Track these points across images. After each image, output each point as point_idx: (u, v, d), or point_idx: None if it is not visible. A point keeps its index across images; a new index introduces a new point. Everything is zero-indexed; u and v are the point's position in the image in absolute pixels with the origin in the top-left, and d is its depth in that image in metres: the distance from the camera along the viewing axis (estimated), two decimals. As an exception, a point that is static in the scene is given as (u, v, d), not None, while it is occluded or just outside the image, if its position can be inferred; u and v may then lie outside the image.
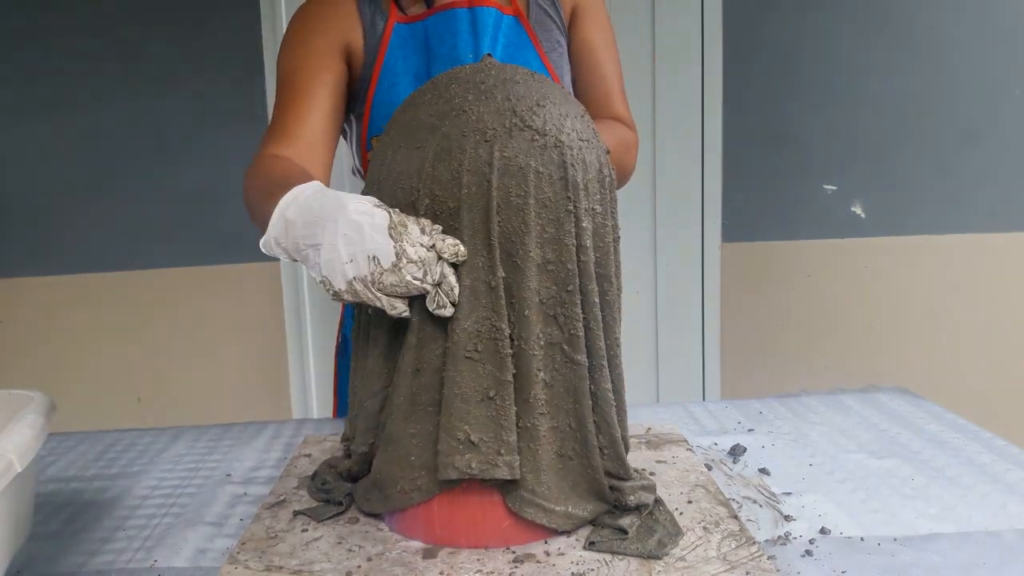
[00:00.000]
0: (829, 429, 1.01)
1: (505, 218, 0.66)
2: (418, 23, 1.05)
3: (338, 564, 0.69)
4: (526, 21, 1.08)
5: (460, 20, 1.04)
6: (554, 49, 1.10)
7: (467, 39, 1.04)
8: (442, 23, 1.04)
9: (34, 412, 0.67)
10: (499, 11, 1.06)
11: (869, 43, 2.18)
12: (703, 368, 2.33)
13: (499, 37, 1.06)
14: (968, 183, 2.24)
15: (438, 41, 1.04)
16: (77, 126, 2.18)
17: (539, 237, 0.67)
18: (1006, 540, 0.72)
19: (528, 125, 0.67)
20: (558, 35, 1.11)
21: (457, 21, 1.04)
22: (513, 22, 1.07)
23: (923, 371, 2.27)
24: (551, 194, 0.67)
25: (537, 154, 0.67)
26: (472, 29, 1.04)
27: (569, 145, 0.68)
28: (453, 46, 1.03)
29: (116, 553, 0.76)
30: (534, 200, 0.66)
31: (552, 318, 0.68)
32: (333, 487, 0.80)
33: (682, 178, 2.24)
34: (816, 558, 0.70)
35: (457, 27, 1.04)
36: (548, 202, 0.67)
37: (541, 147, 0.67)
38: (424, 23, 1.05)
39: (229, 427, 1.12)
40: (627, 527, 0.69)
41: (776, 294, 2.29)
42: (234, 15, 2.15)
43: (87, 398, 2.22)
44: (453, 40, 1.04)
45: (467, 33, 1.04)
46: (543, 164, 0.67)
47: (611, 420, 0.71)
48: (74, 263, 2.23)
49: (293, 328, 2.28)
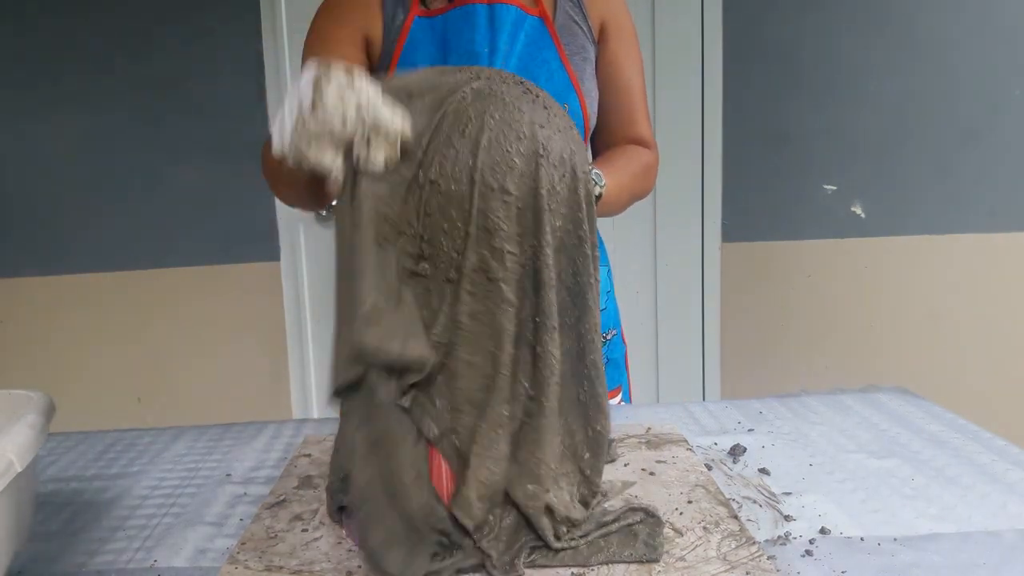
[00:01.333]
0: (829, 429, 1.01)
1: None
2: (438, 17, 1.06)
3: (338, 564, 0.69)
4: (551, 24, 1.09)
5: (479, 16, 1.05)
6: (577, 53, 1.10)
7: (484, 34, 1.04)
8: (461, 18, 1.05)
9: (34, 412, 0.67)
10: (522, 10, 1.06)
11: (869, 43, 2.18)
12: (703, 368, 2.33)
13: (519, 35, 1.07)
14: (968, 183, 2.24)
15: (456, 35, 1.05)
16: (77, 126, 2.18)
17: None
18: (1006, 540, 0.72)
19: (522, 83, 0.69)
20: (583, 41, 1.11)
21: (476, 16, 1.05)
22: (537, 23, 1.08)
23: (923, 371, 2.27)
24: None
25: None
26: (490, 25, 1.05)
27: (561, 117, 0.69)
28: (471, 40, 1.04)
29: (116, 553, 0.76)
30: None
31: (491, 248, 0.67)
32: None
33: (682, 178, 2.24)
34: (816, 558, 0.70)
35: (476, 22, 1.04)
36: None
37: (532, 100, 0.68)
38: (444, 17, 1.06)
39: (229, 427, 1.12)
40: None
41: (776, 294, 2.29)
42: (234, 15, 2.15)
43: (87, 398, 2.22)
44: (471, 35, 1.04)
45: (484, 28, 1.05)
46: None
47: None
48: (74, 263, 2.23)
49: (293, 328, 2.28)
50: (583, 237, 0.69)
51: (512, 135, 0.65)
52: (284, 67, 2.17)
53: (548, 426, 0.68)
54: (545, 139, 0.66)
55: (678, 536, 0.72)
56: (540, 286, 0.66)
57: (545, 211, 0.65)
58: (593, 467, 0.71)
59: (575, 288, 0.69)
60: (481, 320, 0.66)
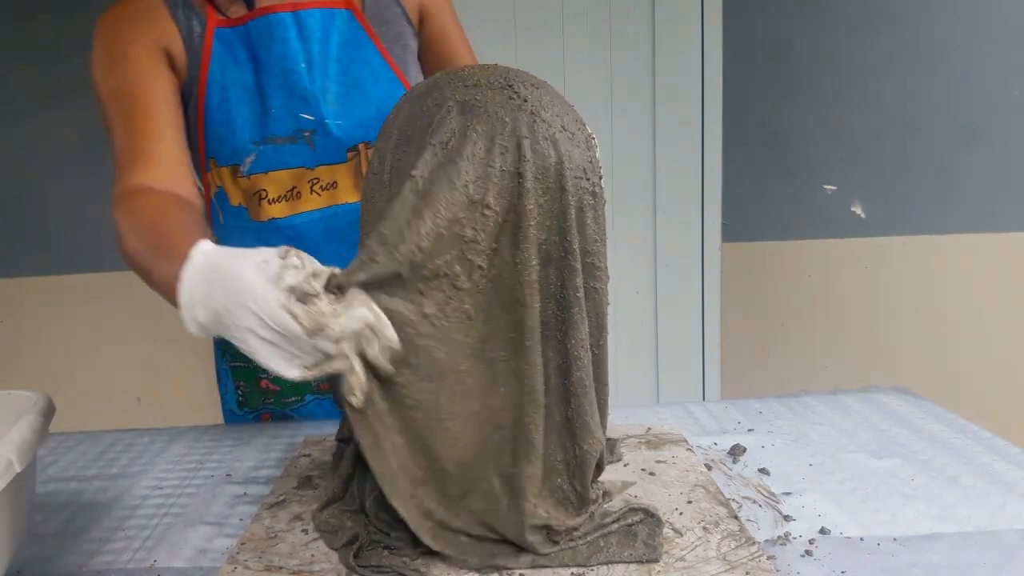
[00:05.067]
0: (829, 429, 1.01)
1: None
2: (240, 27, 0.96)
3: (338, 564, 0.69)
4: (360, 14, 1.01)
5: (285, 27, 0.96)
6: (396, 42, 1.04)
7: (296, 47, 0.97)
8: (265, 30, 0.96)
9: (34, 412, 0.67)
10: (326, 8, 0.98)
11: (869, 43, 2.18)
12: (703, 368, 2.33)
13: (333, 36, 0.99)
14: (968, 183, 2.24)
15: (264, 50, 0.96)
16: (77, 126, 2.18)
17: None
18: (1006, 540, 0.72)
19: (511, 86, 0.68)
20: (401, 27, 1.04)
21: (283, 28, 0.96)
22: (346, 16, 1.00)
23: (923, 371, 2.27)
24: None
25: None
26: (300, 35, 0.97)
27: (549, 123, 0.67)
28: (282, 56, 0.96)
29: (116, 553, 0.76)
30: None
31: (461, 253, 0.67)
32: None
33: (682, 178, 2.24)
34: (816, 558, 0.70)
35: (284, 34, 0.96)
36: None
37: (517, 107, 0.67)
38: (246, 27, 0.96)
39: (229, 427, 1.12)
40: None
41: (776, 294, 2.29)
42: (234, 15, 2.15)
43: (87, 398, 2.22)
44: (282, 49, 0.96)
45: (295, 40, 0.96)
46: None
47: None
48: (74, 263, 2.23)
49: (293, 328, 2.28)
50: (568, 248, 0.67)
51: (496, 150, 0.65)
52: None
53: (533, 446, 0.67)
54: (529, 150, 0.65)
55: (678, 536, 0.72)
56: (519, 303, 0.66)
57: (530, 227, 0.65)
58: (582, 484, 0.70)
59: (562, 301, 0.68)
60: (442, 328, 0.66)
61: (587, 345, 0.69)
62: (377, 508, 0.71)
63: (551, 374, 0.68)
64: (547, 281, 0.67)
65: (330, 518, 0.74)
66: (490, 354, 0.67)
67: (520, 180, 0.65)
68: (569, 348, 0.68)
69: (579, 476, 0.69)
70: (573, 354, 0.68)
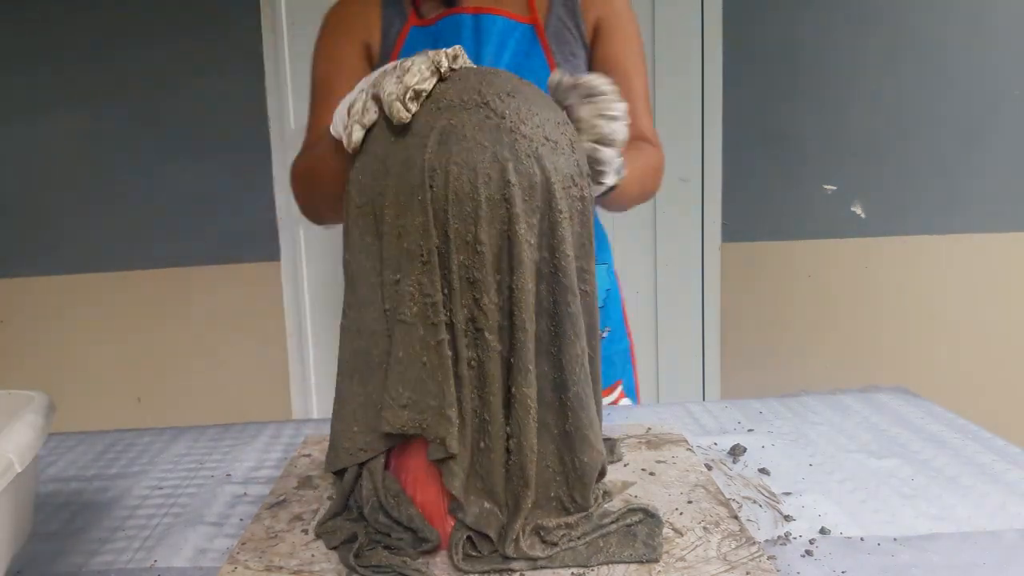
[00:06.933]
0: (829, 429, 1.01)
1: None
2: (431, 27, 1.07)
3: (338, 564, 0.69)
4: (542, 32, 1.09)
5: (464, 26, 1.06)
6: (567, 60, 1.10)
7: (469, 46, 1.05)
8: (449, 28, 1.07)
9: (34, 412, 0.67)
10: (510, 19, 1.07)
11: (869, 43, 2.19)
12: (703, 368, 2.33)
13: (508, 44, 1.07)
14: (968, 183, 2.24)
15: (444, 45, 1.04)
16: (77, 126, 2.18)
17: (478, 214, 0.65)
18: (1006, 540, 0.72)
19: (486, 103, 0.66)
20: (574, 47, 1.11)
21: (462, 27, 1.06)
22: (528, 31, 1.09)
23: (923, 371, 2.27)
24: (497, 180, 0.65)
25: (492, 134, 0.65)
26: (475, 36, 1.06)
27: (530, 138, 0.66)
28: None
29: (116, 553, 0.76)
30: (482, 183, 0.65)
31: (474, 300, 0.66)
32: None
33: (682, 178, 2.24)
34: (816, 558, 0.70)
35: (462, 33, 1.06)
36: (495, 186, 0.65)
37: (495, 127, 0.65)
38: (436, 26, 1.07)
39: (229, 427, 1.12)
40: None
41: (776, 294, 2.29)
42: (234, 15, 2.15)
43: (87, 398, 2.22)
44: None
45: (470, 40, 1.06)
46: (502, 149, 0.65)
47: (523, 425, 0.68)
48: (74, 263, 2.23)
49: (293, 328, 2.28)
50: (559, 265, 0.67)
51: (480, 180, 0.64)
52: (284, 66, 2.17)
53: (527, 460, 0.67)
54: (513, 172, 0.64)
55: (678, 536, 0.72)
56: (514, 328, 0.66)
57: (524, 250, 0.65)
58: (583, 496, 0.70)
59: (555, 317, 0.68)
60: (474, 368, 0.67)
61: (584, 361, 0.69)
62: (375, 511, 0.71)
63: (545, 388, 0.68)
64: (539, 297, 0.67)
65: (331, 527, 0.74)
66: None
67: (508, 207, 0.64)
68: (564, 363, 0.68)
69: (579, 488, 0.70)
70: (568, 369, 0.68)
